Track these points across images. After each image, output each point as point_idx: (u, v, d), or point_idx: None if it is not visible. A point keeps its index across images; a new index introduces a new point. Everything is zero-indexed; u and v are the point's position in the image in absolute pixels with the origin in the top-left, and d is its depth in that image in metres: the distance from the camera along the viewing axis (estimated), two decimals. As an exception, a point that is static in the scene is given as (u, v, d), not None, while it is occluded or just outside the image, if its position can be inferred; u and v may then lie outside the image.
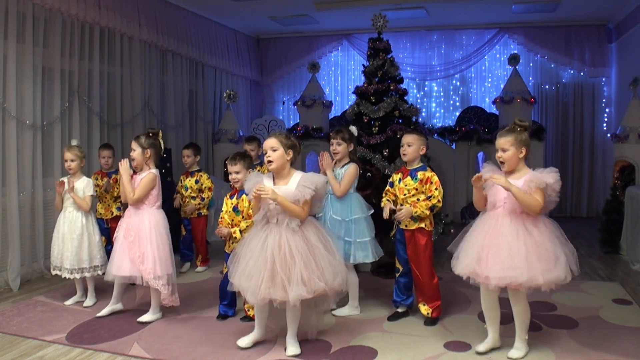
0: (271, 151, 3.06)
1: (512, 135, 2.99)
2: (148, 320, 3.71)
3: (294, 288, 2.88)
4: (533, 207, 2.86)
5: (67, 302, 4.11)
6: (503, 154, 2.99)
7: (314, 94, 8.22)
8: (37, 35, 4.81)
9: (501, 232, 2.91)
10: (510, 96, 7.54)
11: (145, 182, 3.64)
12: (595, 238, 6.35)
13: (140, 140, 3.69)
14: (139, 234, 3.60)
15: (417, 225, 3.54)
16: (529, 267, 2.82)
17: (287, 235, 2.97)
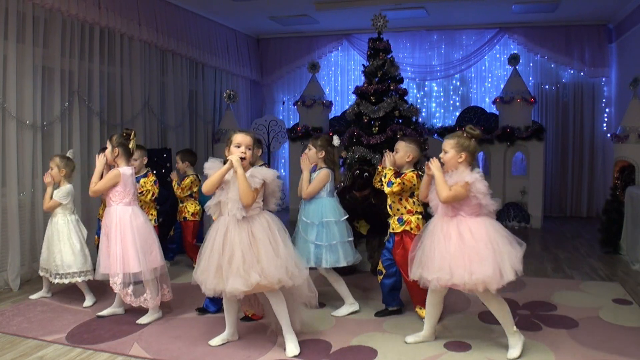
0: (247, 150, 3.15)
1: (455, 139, 3.11)
2: (147, 321, 3.72)
3: (230, 280, 2.96)
4: (440, 192, 3.01)
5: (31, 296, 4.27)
6: (443, 155, 3.12)
7: (314, 94, 8.23)
8: (37, 35, 4.81)
9: (435, 234, 3.06)
10: (510, 96, 7.54)
11: (108, 176, 3.68)
12: (595, 238, 6.35)
13: (112, 139, 3.76)
14: (108, 232, 3.65)
15: (402, 228, 3.59)
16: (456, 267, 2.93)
17: (232, 228, 3.04)
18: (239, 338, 3.38)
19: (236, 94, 7.81)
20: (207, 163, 3.23)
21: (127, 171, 3.71)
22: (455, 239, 2.98)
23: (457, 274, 2.92)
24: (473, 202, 3.01)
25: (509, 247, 2.97)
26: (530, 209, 7.56)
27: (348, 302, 3.88)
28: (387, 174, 3.57)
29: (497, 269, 2.89)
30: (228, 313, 3.32)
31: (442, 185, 3.01)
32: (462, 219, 3.03)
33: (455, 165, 3.09)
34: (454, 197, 2.98)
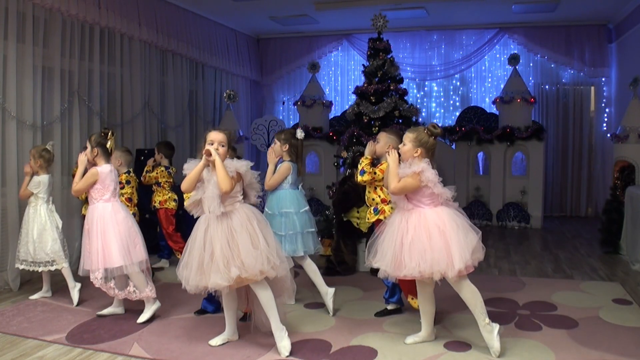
0: (220, 145, 3.15)
1: (415, 133, 3.16)
2: (147, 318, 3.72)
3: (212, 276, 2.98)
4: (390, 183, 3.11)
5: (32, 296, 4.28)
6: (402, 147, 3.20)
7: (314, 94, 8.22)
8: (37, 35, 4.81)
9: (392, 227, 3.14)
10: (510, 96, 7.54)
11: (86, 176, 3.72)
12: (595, 238, 6.35)
13: (91, 139, 3.80)
14: (90, 229, 3.67)
15: (376, 217, 3.69)
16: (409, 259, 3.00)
17: (212, 224, 3.06)
18: (239, 338, 3.38)
19: (236, 94, 7.81)
20: (186, 164, 3.23)
21: (106, 169, 3.76)
22: (411, 230, 3.05)
23: (409, 266, 2.99)
24: (427, 192, 3.07)
25: (462, 236, 3.02)
26: (530, 209, 7.56)
27: (323, 290, 3.89)
28: (363, 162, 3.66)
29: (449, 258, 2.96)
30: (227, 312, 3.32)
31: (392, 177, 3.10)
32: (419, 210, 3.09)
33: (410, 158, 3.15)
34: (402, 188, 3.06)
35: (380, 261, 3.12)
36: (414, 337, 3.33)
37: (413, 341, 3.30)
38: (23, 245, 4.17)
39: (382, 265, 3.11)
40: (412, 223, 3.06)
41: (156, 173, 5.11)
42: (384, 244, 3.13)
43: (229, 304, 3.29)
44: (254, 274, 3.02)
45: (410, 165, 3.11)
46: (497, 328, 3.12)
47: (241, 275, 2.99)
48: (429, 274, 2.98)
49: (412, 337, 3.33)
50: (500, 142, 7.63)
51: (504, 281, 4.72)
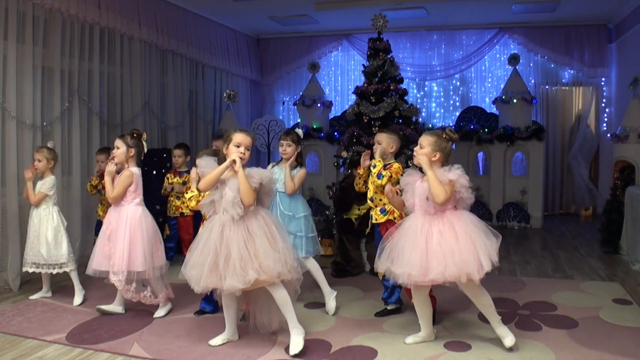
0: (246, 150, 3.15)
1: (434, 137, 3.13)
2: (162, 314, 3.80)
3: (228, 279, 2.97)
4: (438, 195, 2.99)
5: (32, 296, 4.26)
6: (419, 149, 3.14)
7: (314, 94, 8.22)
8: (37, 35, 4.81)
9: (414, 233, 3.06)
10: (510, 96, 7.54)
11: (122, 179, 3.71)
12: (595, 238, 6.35)
13: (126, 139, 3.77)
14: (115, 230, 3.67)
15: (386, 218, 3.67)
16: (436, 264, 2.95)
17: (230, 226, 3.04)
18: (239, 338, 3.38)
19: (236, 94, 7.81)
20: (202, 161, 3.22)
21: (137, 171, 3.78)
22: (436, 236, 3.01)
23: (436, 270, 2.95)
24: (456, 197, 3.07)
25: (485, 238, 3.02)
26: (530, 209, 7.56)
27: (326, 289, 3.92)
28: (377, 165, 3.63)
29: (477, 260, 2.94)
30: (227, 312, 3.32)
31: (439, 187, 3.00)
32: (442, 214, 3.07)
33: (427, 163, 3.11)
34: (449, 198, 3.02)
35: (404, 267, 3.01)
36: (414, 337, 3.33)
37: (413, 341, 3.30)
38: (33, 247, 4.08)
39: (407, 270, 3.00)
40: (437, 227, 3.02)
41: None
42: (407, 249, 3.03)
43: (229, 303, 3.29)
44: (272, 276, 3.01)
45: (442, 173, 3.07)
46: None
47: (259, 278, 2.98)
48: (456, 277, 2.94)
49: (412, 337, 3.33)
50: (500, 142, 7.63)
51: (504, 281, 4.72)
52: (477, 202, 7.82)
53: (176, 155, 5.33)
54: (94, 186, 4.91)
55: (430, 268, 2.96)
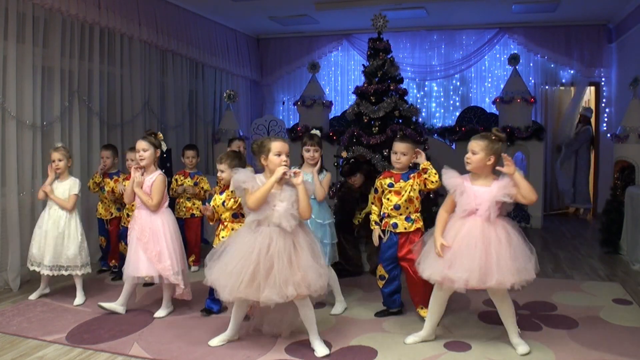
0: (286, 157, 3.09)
1: (485, 140, 3.09)
2: (163, 314, 3.80)
3: (266, 290, 2.92)
4: (531, 194, 2.97)
5: (31, 297, 4.22)
6: (472, 156, 3.09)
7: (314, 94, 8.22)
8: (37, 35, 4.81)
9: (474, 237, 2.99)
10: (510, 96, 7.54)
11: (158, 185, 3.74)
12: (595, 238, 6.35)
13: (151, 140, 3.78)
14: (154, 234, 3.68)
15: (415, 227, 3.62)
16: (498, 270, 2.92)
17: (276, 238, 2.99)
18: (238, 338, 3.38)
19: (236, 94, 7.81)
20: (240, 175, 3.08)
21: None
22: (495, 241, 2.97)
23: (496, 276, 2.90)
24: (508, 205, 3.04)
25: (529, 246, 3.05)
26: (530, 208, 7.55)
27: (339, 298, 3.93)
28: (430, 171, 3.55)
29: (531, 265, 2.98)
30: (237, 314, 3.29)
31: (530, 187, 2.99)
32: (498, 220, 3.04)
33: (483, 168, 3.08)
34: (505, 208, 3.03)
35: (464, 272, 2.94)
36: (414, 336, 3.32)
37: (413, 341, 3.30)
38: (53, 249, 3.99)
39: (465, 275, 2.93)
40: (495, 233, 2.98)
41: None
42: (467, 254, 2.96)
43: (241, 305, 3.23)
44: (313, 290, 2.99)
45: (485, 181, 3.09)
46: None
47: (302, 293, 2.96)
48: (512, 284, 2.93)
49: (412, 336, 3.33)
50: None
51: (504, 281, 4.71)
52: (477, 202, 7.81)
53: (190, 156, 5.24)
54: (96, 183, 4.86)
55: (489, 275, 2.91)
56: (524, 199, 2.99)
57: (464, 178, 3.15)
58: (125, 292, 3.85)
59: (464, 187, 3.10)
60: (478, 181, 3.11)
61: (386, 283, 3.73)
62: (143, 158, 3.76)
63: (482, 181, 3.11)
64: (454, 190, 3.12)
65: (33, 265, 4.09)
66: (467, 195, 3.07)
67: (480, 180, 3.11)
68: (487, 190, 3.05)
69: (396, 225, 3.63)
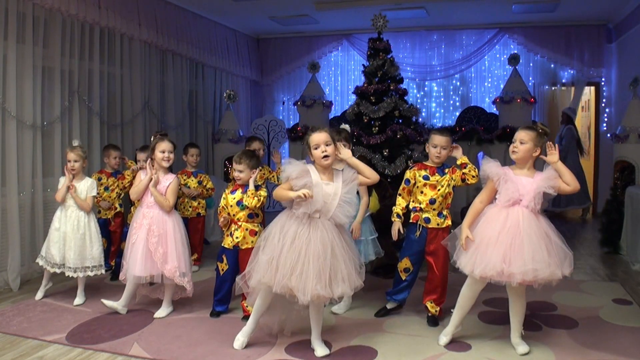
0: (325, 146, 3.00)
1: (534, 132, 3.08)
2: (164, 315, 3.81)
3: (340, 284, 2.90)
4: (573, 182, 2.96)
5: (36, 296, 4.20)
6: (520, 146, 3.07)
7: (314, 94, 8.22)
8: (37, 35, 4.81)
9: (524, 228, 2.94)
10: (510, 96, 7.54)
11: (174, 187, 3.81)
12: (595, 238, 6.35)
13: (170, 139, 3.89)
14: (163, 235, 3.69)
15: (446, 223, 3.59)
16: (550, 262, 2.90)
17: (331, 232, 2.94)
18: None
19: (236, 94, 7.81)
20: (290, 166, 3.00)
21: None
22: (543, 233, 2.96)
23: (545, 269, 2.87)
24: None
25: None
26: (530, 209, 7.54)
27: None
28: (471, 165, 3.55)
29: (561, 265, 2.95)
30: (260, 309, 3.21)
31: (572, 175, 2.99)
32: (538, 214, 3.02)
33: (528, 159, 3.09)
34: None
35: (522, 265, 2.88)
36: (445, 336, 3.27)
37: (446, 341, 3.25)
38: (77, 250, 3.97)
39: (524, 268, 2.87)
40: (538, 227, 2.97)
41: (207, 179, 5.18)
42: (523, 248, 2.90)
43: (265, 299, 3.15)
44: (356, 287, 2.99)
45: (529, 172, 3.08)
46: None
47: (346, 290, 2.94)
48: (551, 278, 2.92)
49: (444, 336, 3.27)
50: (500, 142, 7.63)
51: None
52: (477, 202, 7.82)
53: (194, 154, 5.18)
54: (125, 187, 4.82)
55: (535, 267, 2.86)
56: (568, 186, 2.97)
57: (506, 168, 3.14)
58: (127, 292, 3.84)
59: (509, 176, 3.08)
60: (522, 171, 3.10)
61: (409, 275, 3.71)
62: (169, 159, 3.83)
63: (526, 172, 3.10)
64: (498, 179, 3.09)
65: (53, 267, 4.02)
66: (512, 183, 3.05)
67: (524, 170, 3.10)
68: (531, 180, 3.04)
69: (428, 220, 3.57)
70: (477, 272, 2.97)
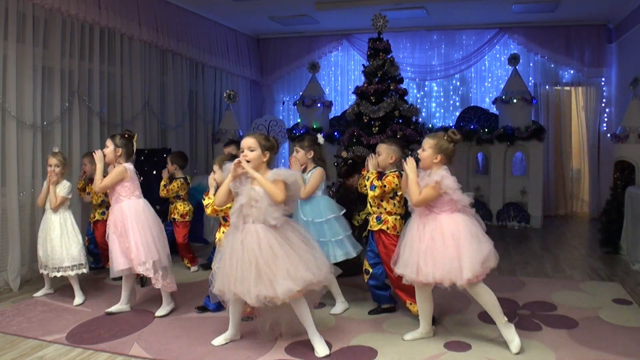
0: (248, 150, 3.10)
1: (434, 139, 3.17)
2: (164, 313, 3.81)
3: (280, 282, 2.93)
4: (412, 196, 3.13)
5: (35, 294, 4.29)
6: (421, 152, 3.20)
7: (314, 94, 8.23)
8: (37, 35, 4.81)
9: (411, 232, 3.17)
10: (510, 96, 7.54)
11: (114, 172, 3.78)
12: (595, 238, 6.35)
13: (115, 139, 3.84)
14: (124, 226, 3.71)
15: (379, 227, 3.65)
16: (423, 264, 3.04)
17: (265, 233, 3.01)
18: (240, 337, 3.38)
19: (236, 94, 7.81)
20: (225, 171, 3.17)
21: (131, 166, 3.85)
22: (427, 237, 3.08)
23: (423, 270, 3.03)
24: (446, 198, 3.09)
25: (475, 244, 3.04)
26: (530, 209, 7.56)
27: (340, 299, 3.92)
28: (370, 177, 3.63)
29: (459, 265, 2.99)
30: (233, 314, 3.31)
31: (414, 189, 3.12)
32: (436, 216, 3.12)
33: (430, 165, 3.16)
34: (424, 200, 3.09)
35: (404, 267, 3.14)
36: (412, 333, 3.37)
37: (412, 337, 3.33)
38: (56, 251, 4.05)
39: (405, 271, 3.13)
40: (429, 229, 3.09)
41: (176, 185, 5.10)
42: (406, 251, 3.15)
43: (235, 304, 3.26)
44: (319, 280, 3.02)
45: (429, 174, 3.11)
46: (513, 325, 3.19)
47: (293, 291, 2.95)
48: (441, 280, 3.02)
49: (411, 333, 3.37)
50: (500, 142, 7.63)
51: (504, 281, 4.72)
52: (477, 202, 7.82)
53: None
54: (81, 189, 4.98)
55: (420, 269, 3.05)
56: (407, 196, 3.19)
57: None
58: (125, 289, 3.89)
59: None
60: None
61: (370, 278, 3.76)
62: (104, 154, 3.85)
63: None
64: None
65: (42, 269, 4.17)
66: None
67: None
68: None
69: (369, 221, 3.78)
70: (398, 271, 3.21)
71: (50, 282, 4.33)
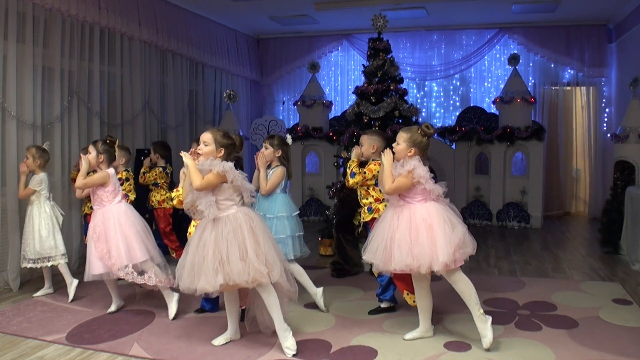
0: (203, 145, 3.14)
1: (408, 133, 3.22)
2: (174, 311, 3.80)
3: (201, 279, 2.96)
4: (384, 184, 3.19)
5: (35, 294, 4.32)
6: (396, 146, 3.25)
7: (314, 94, 8.22)
8: (37, 35, 4.81)
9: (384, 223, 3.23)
10: (510, 96, 7.54)
11: (97, 175, 3.81)
12: (595, 238, 6.35)
13: (97, 145, 3.87)
14: (104, 231, 3.72)
15: (371, 216, 3.73)
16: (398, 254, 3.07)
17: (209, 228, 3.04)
18: (240, 337, 3.38)
19: (236, 94, 7.81)
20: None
21: (113, 172, 3.89)
22: (401, 226, 3.12)
23: (397, 259, 3.07)
24: (419, 188, 3.14)
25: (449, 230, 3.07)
26: (530, 209, 7.56)
27: (312, 291, 3.91)
28: (350, 165, 3.75)
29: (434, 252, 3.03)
30: (229, 312, 3.32)
31: (386, 177, 3.17)
32: (410, 205, 3.17)
33: (404, 158, 3.20)
34: (397, 188, 3.14)
35: (371, 256, 3.21)
36: (412, 332, 3.37)
37: (412, 337, 3.34)
38: (29, 243, 4.19)
39: (373, 259, 3.21)
40: (403, 219, 3.14)
41: (154, 174, 5.15)
42: (375, 239, 3.22)
43: (230, 303, 3.29)
44: (239, 283, 2.99)
45: (402, 164, 3.17)
46: (490, 320, 3.19)
47: (229, 283, 2.98)
48: (416, 267, 3.05)
49: (411, 333, 3.37)
50: (500, 142, 7.63)
51: (504, 281, 4.72)
52: (477, 202, 7.82)
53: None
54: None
55: (392, 258, 3.08)
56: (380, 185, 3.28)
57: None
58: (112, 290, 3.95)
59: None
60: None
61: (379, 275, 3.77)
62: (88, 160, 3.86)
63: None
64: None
65: (23, 262, 4.24)
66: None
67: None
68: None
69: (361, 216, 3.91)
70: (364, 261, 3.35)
71: (51, 281, 4.34)
